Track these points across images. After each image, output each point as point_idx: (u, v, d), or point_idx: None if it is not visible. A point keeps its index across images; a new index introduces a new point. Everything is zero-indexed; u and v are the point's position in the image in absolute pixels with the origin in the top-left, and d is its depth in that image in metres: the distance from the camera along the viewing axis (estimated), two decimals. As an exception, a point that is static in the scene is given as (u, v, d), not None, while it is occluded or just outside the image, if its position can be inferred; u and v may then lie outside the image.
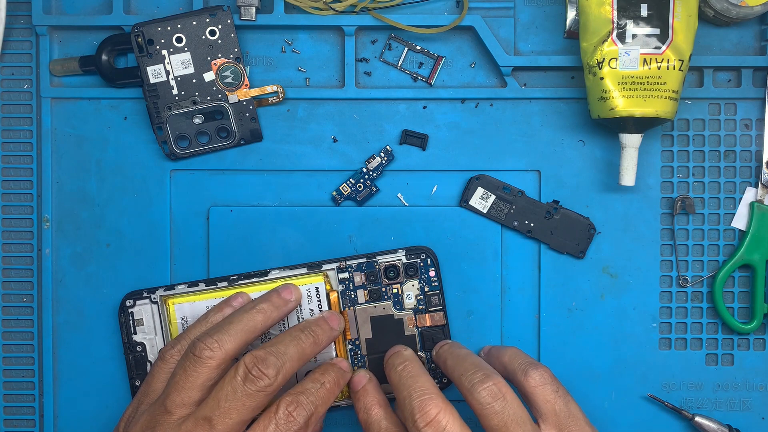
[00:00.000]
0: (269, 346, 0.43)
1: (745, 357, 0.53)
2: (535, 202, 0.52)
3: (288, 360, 0.43)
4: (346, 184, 0.52)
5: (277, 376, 0.42)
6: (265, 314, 0.45)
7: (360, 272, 0.50)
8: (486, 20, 0.52)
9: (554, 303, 0.52)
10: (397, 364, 0.45)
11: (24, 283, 0.53)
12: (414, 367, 0.45)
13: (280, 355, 0.43)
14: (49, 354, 0.53)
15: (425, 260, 0.50)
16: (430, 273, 0.50)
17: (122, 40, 0.51)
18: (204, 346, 0.42)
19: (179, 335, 0.46)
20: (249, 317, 0.45)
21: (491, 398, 0.41)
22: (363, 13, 0.51)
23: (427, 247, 0.51)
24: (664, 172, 0.53)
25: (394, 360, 0.46)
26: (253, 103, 0.52)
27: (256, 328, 0.45)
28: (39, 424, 0.53)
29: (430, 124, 0.53)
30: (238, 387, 0.41)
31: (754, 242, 0.52)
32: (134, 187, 0.53)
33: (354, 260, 0.50)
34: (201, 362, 0.42)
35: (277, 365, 0.42)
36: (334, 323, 0.47)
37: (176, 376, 0.43)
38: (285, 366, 0.42)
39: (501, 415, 0.41)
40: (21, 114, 0.53)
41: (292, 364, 0.43)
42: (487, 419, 0.41)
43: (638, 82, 0.47)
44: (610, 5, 0.48)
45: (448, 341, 0.49)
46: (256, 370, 0.42)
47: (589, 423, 0.44)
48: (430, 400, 0.41)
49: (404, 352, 0.47)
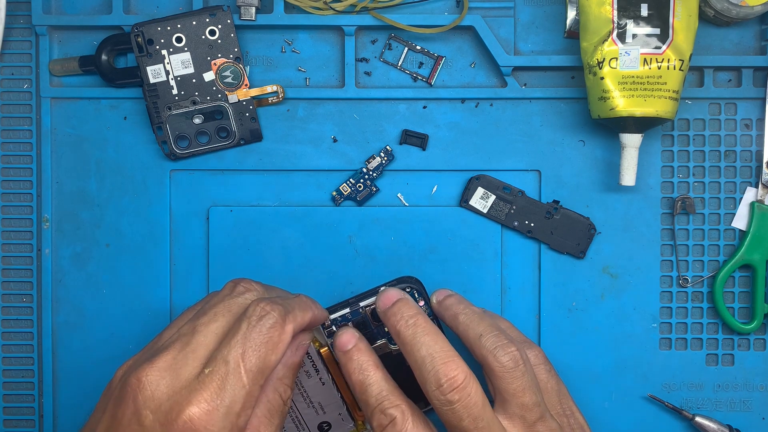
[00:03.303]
0: None
1: (746, 357, 0.53)
2: (535, 202, 0.52)
3: (276, 291, 0.43)
4: (346, 184, 0.52)
5: (263, 292, 0.42)
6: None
7: (346, 322, 0.47)
8: (486, 20, 0.52)
9: (554, 303, 0.52)
10: (408, 316, 0.42)
11: (24, 283, 0.53)
12: (426, 322, 0.42)
13: (268, 287, 0.44)
14: (48, 354, 0.53)
15: (410, 293, 0.47)
16: (419, 303, 0.47)
17: (122, 40, 0.51)
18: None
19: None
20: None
21: (514, 363, 0.41)
22: (363, 13, 0.51)
23: (411, 278, 0.48)
24: (664, 172, 0.53)
25: (403, 310, 0.42)
26: (253, 103, 0.52)
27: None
28: (39, 424, 0.53)
29: (430, 124, 0.53)
30: (225, 296, 0.42)
31: (755, 242, 0.52)
32: (134, 187, 0.53)
33: (337, 313, 0.47)
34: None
35: (264, 286, 0.42)
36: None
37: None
38: (272, 291, 0.43)
39: (521, 380, 0.41)
40: (21, 114, 0.53)
41: (277, 294, 0.43)
42: (506, 382, 0.41)
43: (638, 82, 0.47)
44: (610, 5, 0.48)
45: (449, 291, 0.47)
46: (245, 283, 0.42)
47: (575, 404, 0.46)
48: (453, 363, 0.40)
49: (409, 302, 0.43)
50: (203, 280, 0.53)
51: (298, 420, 0.48)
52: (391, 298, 0.43)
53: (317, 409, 0.47)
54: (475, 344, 0.42)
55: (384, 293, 0.44)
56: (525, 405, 0.41)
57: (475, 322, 0.43)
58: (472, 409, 0.39)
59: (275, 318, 0.40)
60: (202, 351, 0.39)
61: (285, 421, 0.44)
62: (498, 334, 0.42)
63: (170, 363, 0.38)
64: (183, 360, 0.38)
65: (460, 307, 0.45)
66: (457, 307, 0.45)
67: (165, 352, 0.39)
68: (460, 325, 0.44)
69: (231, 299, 0.41)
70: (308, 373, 0.46)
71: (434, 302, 0.47)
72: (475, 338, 0.42)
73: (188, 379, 0.38)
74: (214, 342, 0.39)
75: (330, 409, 0.47)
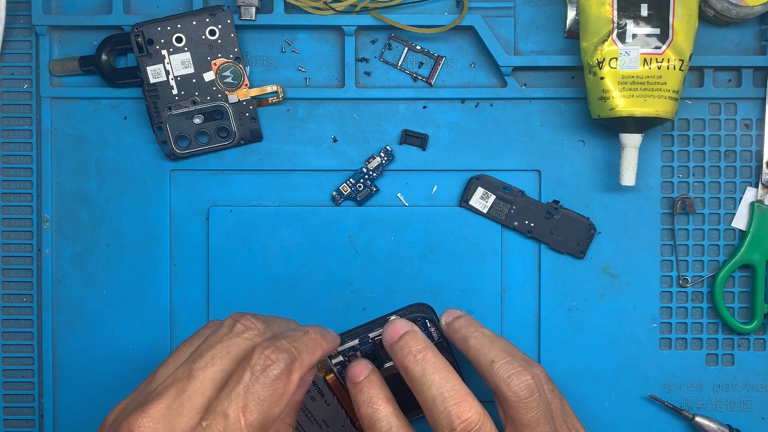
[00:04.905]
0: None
1: (746, 357, 0.53)
2: (535, 202, 0.52)
3: (279, 326, 0.40)
4: (346, 184, 0.52)
5: (265, 331, 0.39)
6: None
7: (354, 352, 0.45)
8: (486, 20, 0.52)
9: (554, 303, 0.52)
10: (416, 351, 0.40)
11: (24, 283, 0.53)
12: (436, 357, 0.40)
13: (271, 320, 0.40)
14: (48, 354, 0.53)
15: (422, 321, 0.45)
16: (431, 329, 0.46)
17: (122, 40, 0.51)
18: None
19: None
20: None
21: (528, 393, 0.39)
22: (363, 13, 0.51)
23: (423, 305, 0.46)
24: (664, 172, 0.53)
25: (411, 344, 0.40)
26: (253, 103, 0.52)
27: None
28: (39, 424, 0.53)
29: (430, 124, 0.53)
30: (224, 335, 0.38)
31: (755, 242, 0.52)
32: (134, 187, 0.53)
33: (346, 344, 0.44)
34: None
35: (266, 322, 0.39)
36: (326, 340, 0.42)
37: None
38: (275, 326, 0.39)
39: (536, 411, 0.39)
40: (21, 114, 0.53)
41: (281, 329, 0.40)
42: (520, 412, 0.39)
43: (638, 82, 0.47)
44: (610, 5, 0.48)
45: (458, 312, 0.45)
46: (245, 320, 0.39)
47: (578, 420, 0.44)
48: (467, 403, 0.38)
49: (418, 334, 0.41)
50: (203, 280, 0.53)
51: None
52: (398, 330, 0.41)
53: (321, 424, 0.47)
54: (486, 371, 0.41)
55: (390, 325, 0.42)
56: None
57: (486, 347, 0.41)
58: None
59: (281, 368, 0.37)
60: (199, 399, 0.36)
61: None
62: (511, 361, 0.40)
63: (164, 412, 0.36)
64: (178, 409, 0.36)
65: (470, 329, 0.43)
66: (467, 329, 0.43)
67: (158, 399, 0.36)
68: (470, 349, 0.42)
69: (230, 340, 0.38)
70: (313, 397, 0.46)
71: (443, 324, 0.44)
72: (486, 364, 0.41)
73: (183, 431, 0.35)
74: (212, 389, 0.37)
75: (333, 422, 0.47)
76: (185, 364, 0.37)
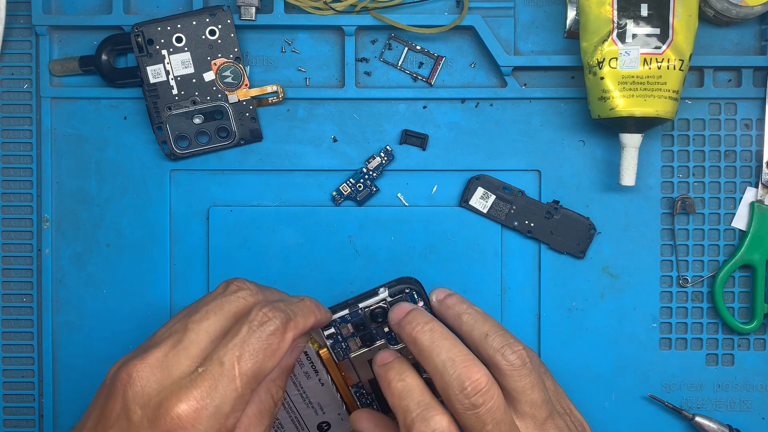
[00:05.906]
0: None
1: (746, 357, 0.53)
2: (535, 202, 0.52)
3: (272, 293, 0.42)
4: (346, 184, 0.52)
5: (257, 292, 0.41)
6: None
7: (345, 323, 0.46)
8: (486, 20, 0.52)
9: (554, 303, 0.52)
10: (423, 322, 0.41)
11: (24, 283, 0.53)
12: (443, 328, 0.41)
13: (264, 287, 0.43)
14: (48, 354, 0.53)
15: (410, 293, 0.46)
16: (418, 303, 0.46)
17: (122, 40, 0.51)
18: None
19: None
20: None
21: (521, 362, 0.41)
22: (363, 12, 0.51)
23: (410, 278, 0.47)
24: (664, 172, 0.53)
25: (418, 318, 0.42)
26: (253, 103, 0.52)
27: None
28: (39, 424, 0.53)
29: (430, 124, 0.53)
30: (218, 294, 0.41)
31: (755, 242, 0.52)
32: (134, 187, 0.53)
33: (336, 314, 0.46)
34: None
35: (259, 286, 0.42)
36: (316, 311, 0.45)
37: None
38: (268, 292, 0.42)
39: (529, 377, 0.41)
40: (21, 114, 0.53)
41: (273, 297, 0.42)
42: (514, 380, 0.41)
43: (638, 82, 0.47)
44: (610, 5, 0.48)
45: (448, 291, 0.46)
46: (238, 282, 0.42)
47: (572, 402, 0.45)
48: (475, 367, 0.39)
49: (422, 311, 0.43)
50: (203, 280, 0.53)
51: (297, 420, 0.48)
52: (404, 308, 0.43)
53: (316, 409, 0.47)
54: (481, 344, 0.42)
55: (396, 306, 0.44)
56: (534, 402, 0.41)
57: (480, 322, 0.43)
58: (496, 414, 0.39)
59: (276, 325, 0.39)
60: (195, 349, 0.39)
61: (275, 422, 0.44)
62: (504, 333, 0.42)
63: (161, 359, 0.38)
64: (175, 357, 0.38)
65: (463, 306, 0.44)
66: (460, 306, 0.44)
67: (156, 348, 0.38)
68: (464, 324, 0.43)
69: (223, 297, 0.41)
70: (308, 374, 0.46)
71: (434, 301, 0.46)
72: (481, 337, 0.42)
73: (180, 376, 0.38)
74: (207, 341, 0.39)
75: (329, 409, 0.47)
76: (182, 320, 0.40)
